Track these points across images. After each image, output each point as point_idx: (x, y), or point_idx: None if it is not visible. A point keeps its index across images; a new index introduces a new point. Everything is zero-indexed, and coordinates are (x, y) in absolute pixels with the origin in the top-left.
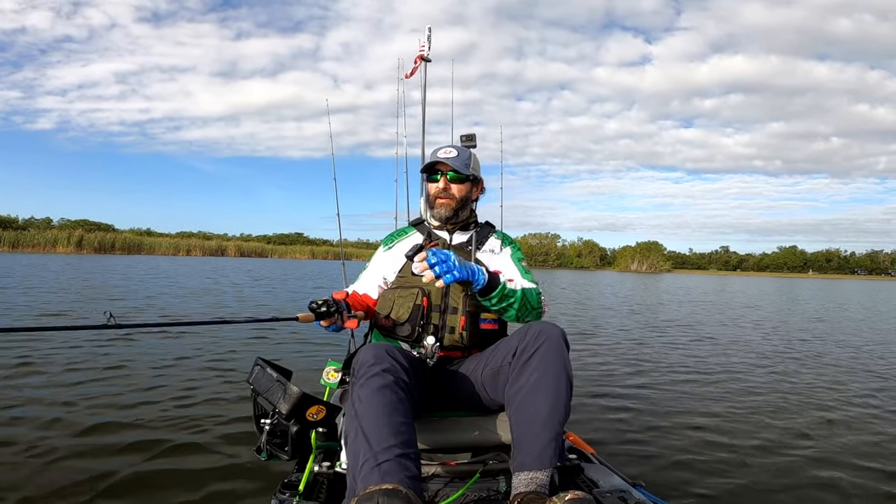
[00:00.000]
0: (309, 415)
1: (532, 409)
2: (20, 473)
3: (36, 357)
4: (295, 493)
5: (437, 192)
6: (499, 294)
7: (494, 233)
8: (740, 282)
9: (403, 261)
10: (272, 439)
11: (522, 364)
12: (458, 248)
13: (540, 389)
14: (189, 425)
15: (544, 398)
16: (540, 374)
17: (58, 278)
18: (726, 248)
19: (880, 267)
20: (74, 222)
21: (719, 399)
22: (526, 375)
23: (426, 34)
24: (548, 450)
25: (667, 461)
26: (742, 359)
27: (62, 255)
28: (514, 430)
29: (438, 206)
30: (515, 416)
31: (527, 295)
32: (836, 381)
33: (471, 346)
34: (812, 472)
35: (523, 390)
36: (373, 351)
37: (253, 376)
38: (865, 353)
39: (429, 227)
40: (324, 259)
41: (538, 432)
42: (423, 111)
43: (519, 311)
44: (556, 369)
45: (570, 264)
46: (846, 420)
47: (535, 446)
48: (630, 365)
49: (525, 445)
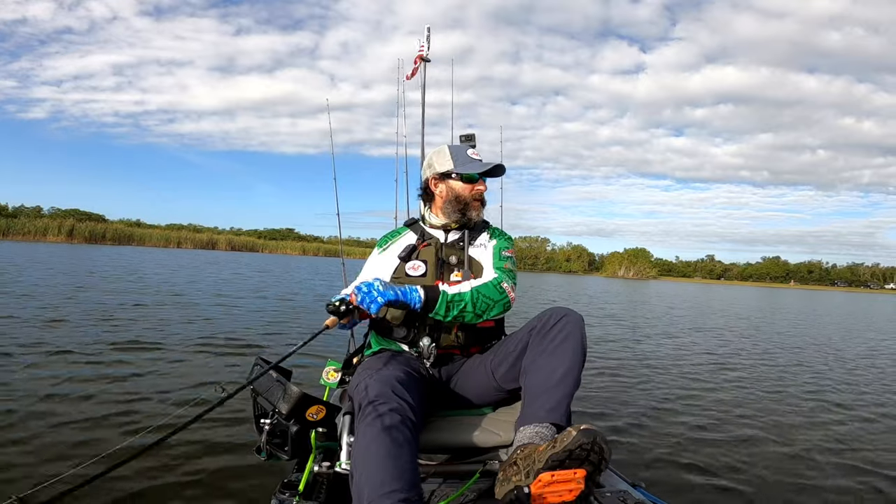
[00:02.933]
0: (309, 415)
1: (547, 370)
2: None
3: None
4: (295, 493)
5: (477, 195)
6: (442, 305)
7: (487, 229)
8: (723, 291)
9: (397, 262)
10: (272, 439)
11: (541, 336)
12: (450, 246)
13: (557, 355)
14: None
15: (560, 362)
16: (558, 343)
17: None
18: (712, 257)
19: (860, 279)
20: (65, 211)
21: (719, 400)
22: (544, 345)
23: (425, 34)
24: (558, 408)
25: (667, 461)
26: (741, 361)
27: (53, 243)
28: (526, 392)
29: (475, 207)
30: (529, 379)
31: (481, 291)
32: (838, 381)
33: (468, 345)
34: (812, 471)
35: (541, 356)
36: (378, 388)
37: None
38: (852, 361)
39: (423, 227)
40: (315, 255)
41: (550, 389)
42: (422, 111)
43: (477, 310)
44: (573, 340)
45: (559, 268)
46: (846, 421)
47: (546, 402)
48: (630, 365)
49: (535, 401)
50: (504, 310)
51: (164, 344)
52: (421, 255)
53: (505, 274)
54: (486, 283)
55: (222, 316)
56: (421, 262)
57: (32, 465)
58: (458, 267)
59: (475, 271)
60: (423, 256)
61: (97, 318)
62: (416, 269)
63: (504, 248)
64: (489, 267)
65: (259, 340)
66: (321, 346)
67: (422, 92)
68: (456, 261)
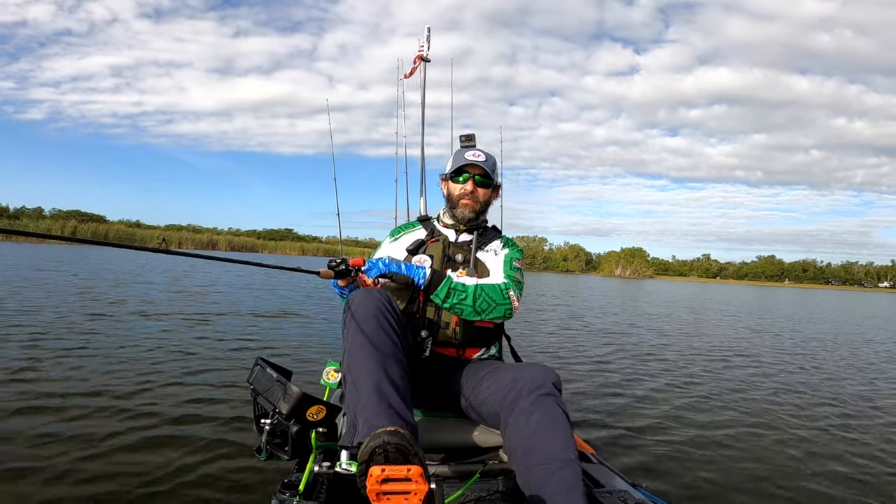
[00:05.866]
0: (309, 415)
1: (543, 450)
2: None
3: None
4: (295, 493)
5: (463, 194)
6: (444, 288)
7: (500, 237)
8: (719, 289)
9: (405, 254)
10: (272, 439)
11: (516, 410)
12: (459, 246)
13: (543, 431)
14: (188, 425)
15: (551, 437)
16: (540, 416)
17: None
18: (707, 256)
19: (854, 278)
20: (66, 212)
21: (719, 400)
22: (524, 418)
23: (425, 34)
24: (574, 490)
25: (667, 462)
26: (740, 361)
27: (56, 245)
28: (524, 475)
29: (462, 206)
30: (526, 460)
31: (485, 290)
32: (839, 383)
33: (465, 343)
34: (811, 471)
35: (524, 434)
36: (367, 298)
37: (253, 376)
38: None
39: (434, 225)
40: (314, 255)
41: (557, 470)
42: (422, 110)
43: (477, 306)
44: (553, 412)
45: (556, 268)
46: (847, 422)
47: (562, 484)
48: (630, 366)
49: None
50: (504, 315)
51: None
52: (428, 250)
53: (513, 283)
54: (493, 284)
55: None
56: (427, 256)
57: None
58: (463, 265)
59: (480, 273)
60: (430, 251)
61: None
62: (421, 263)
63: (515, 259)
64: (496, 273)
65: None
66: (321, 346)
67: (422, 91)
68: (462, 259)
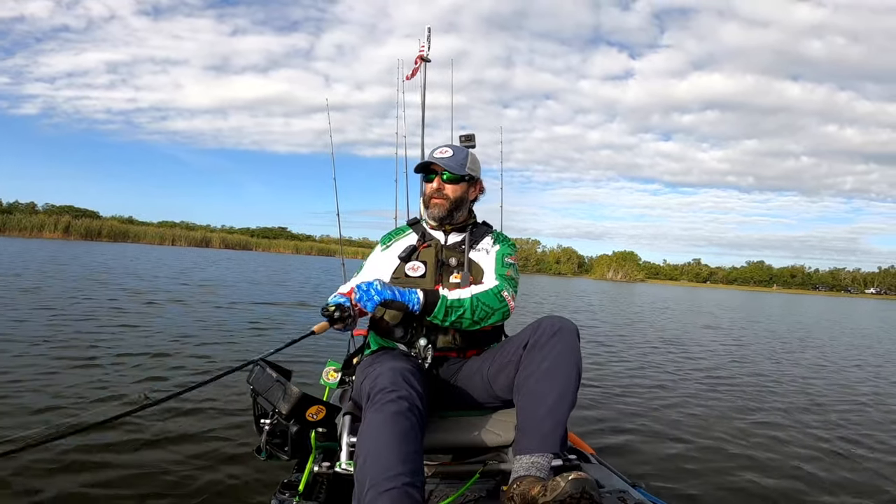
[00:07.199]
0: (309, 415)
1: (540, 395)
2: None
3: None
4: (295, 493)
5: (432, 193)
6: (441, 309)
7: (491, 233)
8: (707, 294)
9: (397, 262)
10: (272, 439)
11: (535, 353)
12: (451, 248)
13: (550, 377)
14: (188, 424)
15: (553, 386)
16: (550, 363)
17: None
18: (698, 261)
19: (841, 284)
20: (60, 208)
21: (718, 400)
22: (536, 363)
23: (426, 34)
24: (551, 436)
25: (666, 461)
26: (740, 361)
27: (49, 240)
28: (520, 415)
29: (433, 206)
30: (523, 402)
31: (481, 299)
32: (839, 384)
33: (465, 347)
34: (811, 471)
35: (533, 377)
36: (390, 376)
37: (253, 376)
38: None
39: (424, 228)
40: (308, 255)
41: (543, 417)
42: (422, 111)
43: (475, 317)
44: (567, 359)
45: (548, 270)
46: (847, 423)
47: (540, 431)
48: (630, 366)
49: (529, 430)
50: (503, 318)
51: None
52: (421, 256)
53: (506, 282)
54: (486, 290)
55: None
56: (421, 262)
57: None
58: (457, 269)
59: (475, 274)
60: (423, 257)
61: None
62: (415, 270)
63: (507, 255)
64: (490, 272)
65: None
66: (321, 346)
67: (422, 91)
68: (456, 263)
